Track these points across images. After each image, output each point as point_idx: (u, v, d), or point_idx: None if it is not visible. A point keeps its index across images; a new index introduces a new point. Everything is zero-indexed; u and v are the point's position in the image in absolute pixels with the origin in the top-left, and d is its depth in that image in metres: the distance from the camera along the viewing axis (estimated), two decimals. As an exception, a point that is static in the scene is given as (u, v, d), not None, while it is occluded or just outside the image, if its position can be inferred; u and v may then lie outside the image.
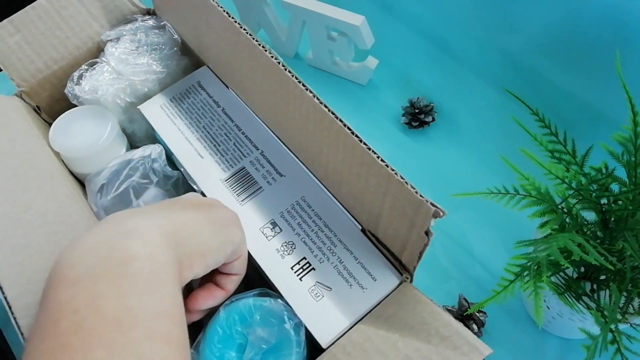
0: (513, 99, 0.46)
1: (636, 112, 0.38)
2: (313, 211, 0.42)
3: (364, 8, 0.64)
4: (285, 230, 0.41)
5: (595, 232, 0.43)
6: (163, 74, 0.51)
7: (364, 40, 0.63)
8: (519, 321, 0.53)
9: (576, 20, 0.57)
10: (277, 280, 0.39)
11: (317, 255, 0.40)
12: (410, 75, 0.70)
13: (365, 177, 0.35)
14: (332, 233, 0.40)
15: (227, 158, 0.45)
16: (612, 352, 0.37)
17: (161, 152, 0.45)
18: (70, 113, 0.50)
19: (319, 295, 0.38)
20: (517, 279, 0.38)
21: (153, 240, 0.29)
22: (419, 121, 0.65)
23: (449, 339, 0.32)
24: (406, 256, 0.36)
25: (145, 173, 0.44)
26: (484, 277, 0.55)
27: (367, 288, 0.38)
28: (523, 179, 0.42)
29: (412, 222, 0.33)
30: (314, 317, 0.37)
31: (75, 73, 0.51)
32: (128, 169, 0.44)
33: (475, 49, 0.68)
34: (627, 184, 0.40)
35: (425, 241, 0.32)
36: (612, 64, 0.38)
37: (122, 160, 0.44)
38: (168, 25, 0.53)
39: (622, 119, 0.38)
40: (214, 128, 0.47)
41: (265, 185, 0.43)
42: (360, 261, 0.39)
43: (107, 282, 0.26)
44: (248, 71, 0.43)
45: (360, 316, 0.37)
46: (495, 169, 0.58)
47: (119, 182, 0.43)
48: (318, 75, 0.72)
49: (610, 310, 0.38)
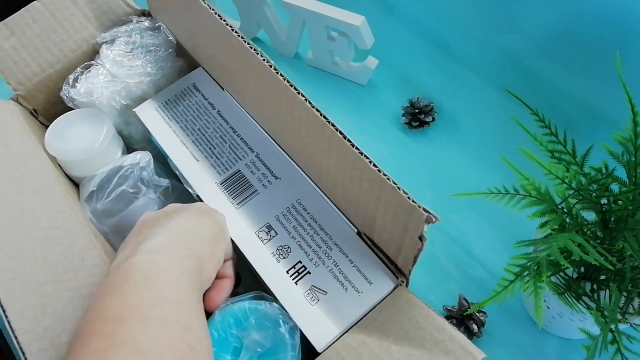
0: (513, 99, 0.46)
1: (636, 112, 0.38)
2: (309, 214, 0.41)
3: (364, 8, 0.64)
4: (280, 234, 0.41)
5: (595, 232, 0.42)
6: (158, 75, 0.51)
7: (364, 40, 0.63)
8: (519, 321, 0.52)
9: (576, 20, 0.56)
10: (273, 284, 0.39)
11: (312, 259, 0.39)
12: (410, 75, 0.70)
13: (358, 181, 0.35)
14: (327, 236, 0.40)
15: (223, 161, 0.45)
16: (612, 352, 0.36)
17: (150, 160, 0.45)
18: (65, 116, 0.50)
19: (315, 299, 0.38)
20: (517, 279, 0.37)
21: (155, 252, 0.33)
22: (419, 121, 0.64)
23: (443, 343, 0.32)
24: (401, 260, 0.36)
25: (134, 183, 0.44)
26: (484, 277, 0.55)
27: (363, 292, 0.37)
28: (523, 179, 0.41)
29: (405, 227, 0.32)
30: (309, 321, 0.37)
31: (70, 76, 0.51)
32: (118, 177, 0.44)
33: (475, 49, 0.67)
34: (627, 184, 0.40)
35: (419, 246, 0.32)
36: (612, 64, 0.38)
37: (112, 167, 0.44)
38: (163, 27, 0.53)
39: (622, 119, 0.38)
40: (209, 130, 0.47)
41: (260, 188, 0.43)
42: (356, 264, 0.39)
43: (113, 292, 0.30)
44: (242, 74, 0.43)
45: (356, 320, 0.36)
46: (495, 169, 0.57)
47: (109, 190, 0.43)
48: (318, 75, 0.72)
49: (610, 310, 0.38)
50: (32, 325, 0.34)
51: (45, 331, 0.34)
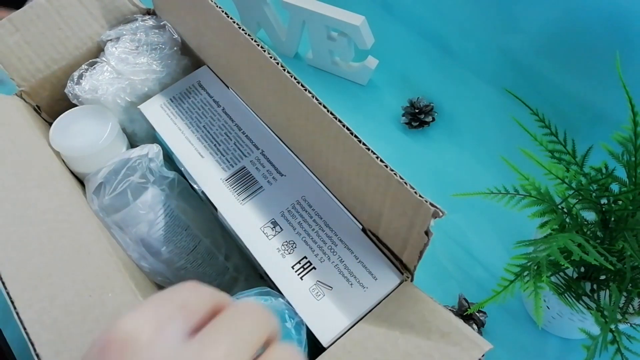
0: (513, 99, 0.46)
1: (636, 112, 0.38)
2: (314, 211, 0.42)
3: (364, 8, 0.64)
4: (285, 230, 0.41)
5: (595, 232, 0.43)
6: (163, 73, 0.51)
7: (363, 41, 0.63)
8: (519, 321, 0.53)
9: (576, 20, 0.57)
10: (278, 280, 0.39)
11: (317, 254, 0.40)
12: (410, 75, 0.70)
13: (365, 177, 0.35)
14: (332, 232, 0.40)
15: (228, 158, 0.45)
16: (612, 352, 0.37)
17: (159, 152, 0.45)
18: (70, 113, 0.50)
19: (320, 295, 0.38)
20: (517, 279, 0.38)
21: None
22: (419, 121, 0.65)
23: (450, 335, 0.32)
24: (407, 256, 0.36)
25: (142, 173, 0.44)
26: (484, 277, 0.55)
27: (368, 287, 0.38)
28: (523, 179, 0.42)
29: (412, 222, 0.33)
30: (314, 316, 0.37)
31: (75, 73, 0.51)
32: (126, 168, 0.44)
33: (475, 49, 0.68)
34: (627, 184, 0.40)
35: (425, 241, 0.32)
36: (612, 64, 0.39)
37: (120, 159, 0.44)
38: (168, 25, 0.53)
39: (622, 119, 0.38)
40: (214, 128, 0.47)
41: (265, 185, 0.43)
42: (361, 260, 0.39)
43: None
44: (247, 71, 0.43)
45: (361, 315, 0.37)
46: (495, 169, 0.58)
47: (116, 182, 0.43)
48: (318, 75, 0.73)
49: (610, 310, 0.38)
50: (41, 316, 0.35)
51: (53, 322, 0.34)
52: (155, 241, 0.45)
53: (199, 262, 0.48)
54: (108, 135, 0.48)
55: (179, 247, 0.46)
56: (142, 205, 0.43)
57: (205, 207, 0.49)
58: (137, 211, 0.43)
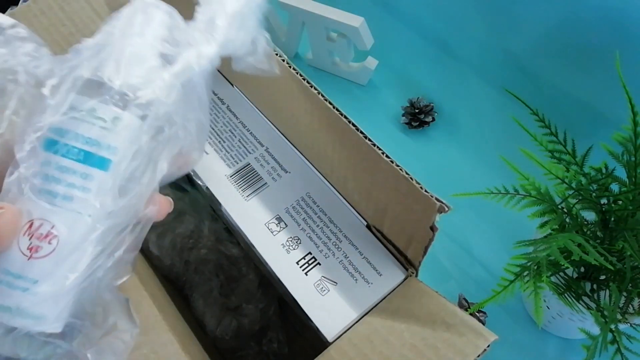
0: (513, 99, 0.46)
1: (636, 112, 0.38)
2: (318, 207, 0.42)
3: (364, 8, 0.64)
4: (290, 226, 0.41)
5: (595, 232, 0.43)
6: (167, 70, 0.51)
7: (363, 42, 0.63)
8: (519, 321, 0.53)
9: (576, 20, 0.57)
10: (283, 275, 0.39)
11: (322, 250, 0.40)
12: (410, 75, 0.71)
13: (371, 173, 0.35)
14: (337, 228, 0.41)
15: (232, 154, 0.46)
16: (612, 352, 0.37)
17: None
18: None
19: (325, 290, 0.38)
20: (517, 279, 0.38)
21: None
22: (419, 121, 0.65)
23: (455, 327, 0.32)
24: (411, 251, 0.37)
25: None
26: (484, 277, 0.55)
27: (373, 283, 0.38)
28: (523, 179, 0.42)
29: (417, 217, 0.33)
30: (320, 311, 0.37)
31: (79, 69, 0.51)
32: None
33: (476, 49, 0.68)
34: (627, 184, 0.41)
35: (430, 236, 0.33)
36: (612, 64, 0.39)
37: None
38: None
39: (622, 119, 0.39)
40: (219, 125, 0.48)
41: (270, 181, 0.44)
42: (366, 256, 0.39)
43: None
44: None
45: (366, 310, 0.37)
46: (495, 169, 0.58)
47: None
48: (318, 76, 0.73)
49: (610, 310, 0.38)
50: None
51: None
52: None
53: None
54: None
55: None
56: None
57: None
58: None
